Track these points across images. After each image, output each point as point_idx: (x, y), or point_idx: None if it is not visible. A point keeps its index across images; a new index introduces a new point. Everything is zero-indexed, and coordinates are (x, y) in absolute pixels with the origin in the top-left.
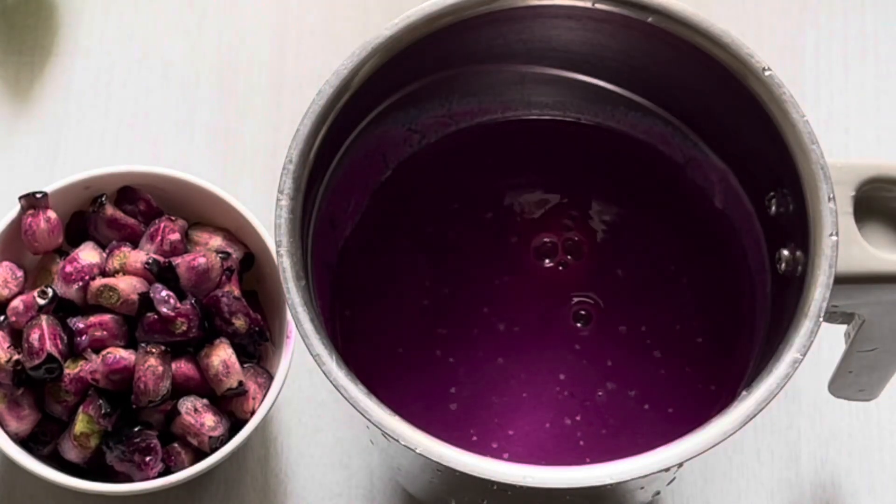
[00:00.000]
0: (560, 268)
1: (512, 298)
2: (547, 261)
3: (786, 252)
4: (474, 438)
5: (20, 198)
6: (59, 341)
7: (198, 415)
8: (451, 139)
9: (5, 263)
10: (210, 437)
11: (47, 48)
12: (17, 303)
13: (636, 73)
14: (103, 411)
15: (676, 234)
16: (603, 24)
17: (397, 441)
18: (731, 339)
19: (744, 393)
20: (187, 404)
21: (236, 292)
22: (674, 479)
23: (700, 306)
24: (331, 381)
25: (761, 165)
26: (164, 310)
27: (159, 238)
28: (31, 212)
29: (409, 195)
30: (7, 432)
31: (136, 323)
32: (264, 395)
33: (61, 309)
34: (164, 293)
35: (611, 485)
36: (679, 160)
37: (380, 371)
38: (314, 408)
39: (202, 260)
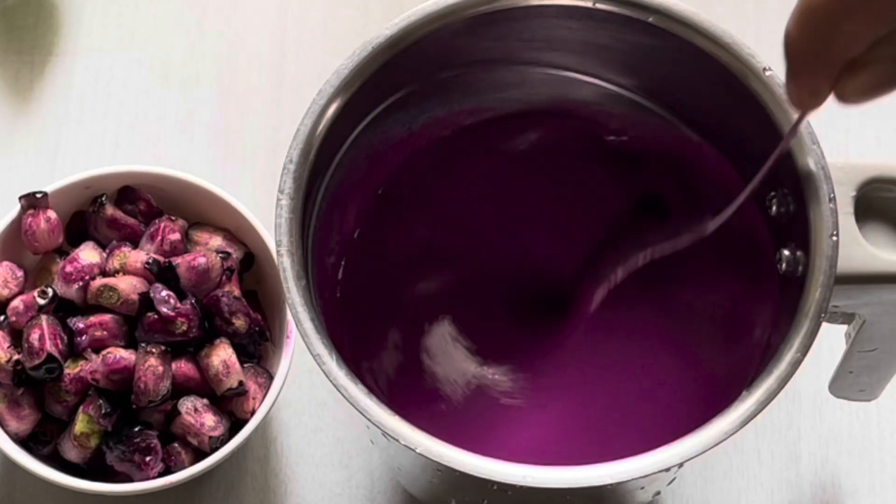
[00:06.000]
0: (560, 269)
1: (512, 299)
2: (547, 262)
3: (786, 252)
4: (474, 439)
5: (20, 198)
6: (59, 341)
7: (198, 415)
8: (452, 139)
9: (5, 263)
10: (210, 437)
11: (47, 48)
12: (17, 303)
13: (636, 73)
14: (103, 411)
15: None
16: (603, 24)
17: (397, 441)
18: (731, 339)
19: (744, 393)
20: (187, 404)
21: (236, 292)
22: (674, 479)
23: (700, 307)
24: (331, 381)
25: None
26: (164, 310)
27: (159, 238)
28: (31, 212)
29: (410, 195)
30: (7, 432)
31: (136, 323)
32: (264, 395)
33: (61, 309)
34: (164, 293)
35: (611, 485)
36: (679, 160)
37: (380, 371)
38: (314, 408)
39: (202, 260)
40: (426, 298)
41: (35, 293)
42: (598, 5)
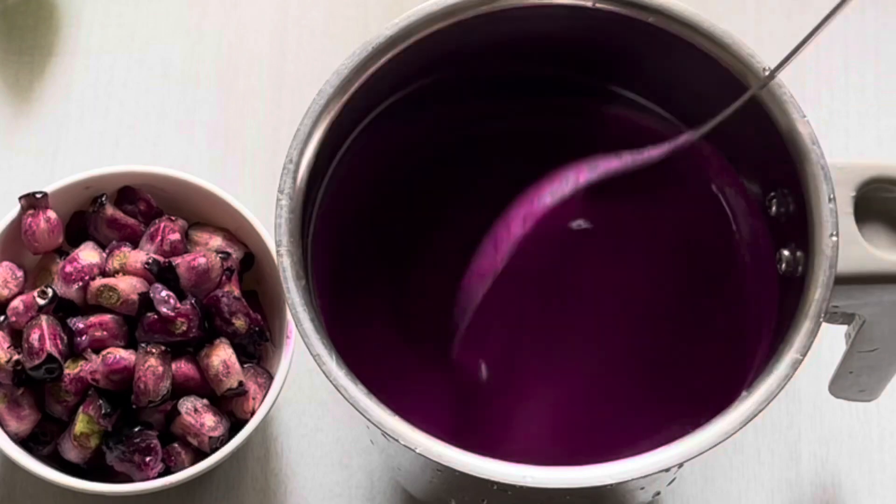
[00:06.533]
0: (560, 268)
1: (511, 297)
2: (547, 261)
3: (786, 252)
4: (475, 439)
5: (20, 198)
6: (59, 341)
7: (198, 415)
8: (452, 139)
9: (5, 263)
10: (210, 437)
11: (47, 48)
12: (17, 303)
13: (636, 72)
14: (103, 411)
15: (676, 235)
16: (604, 24)
17: (397, 441)
18: (731, 339)
19: (744, 393)
20: (187, 404)
21: (236, 292)
22: (674, 479)
23: (701, 307)
24: (331, 381)
25: (762, 165)
26: (164, 310)
27: (159, 238)
28: (31, 212)
29: (410, 195)
30: (7, 432)
31: (136, 323)
32: (264, 395)
33: (61, 309)
34: (164, 293)
35: (611, 485)
36: (680, 160)
37: (380, 371)
38: (314, 408)
39: (202, 260)
40: (426, 297)
41: (35, 293)
42: (598, 5)
